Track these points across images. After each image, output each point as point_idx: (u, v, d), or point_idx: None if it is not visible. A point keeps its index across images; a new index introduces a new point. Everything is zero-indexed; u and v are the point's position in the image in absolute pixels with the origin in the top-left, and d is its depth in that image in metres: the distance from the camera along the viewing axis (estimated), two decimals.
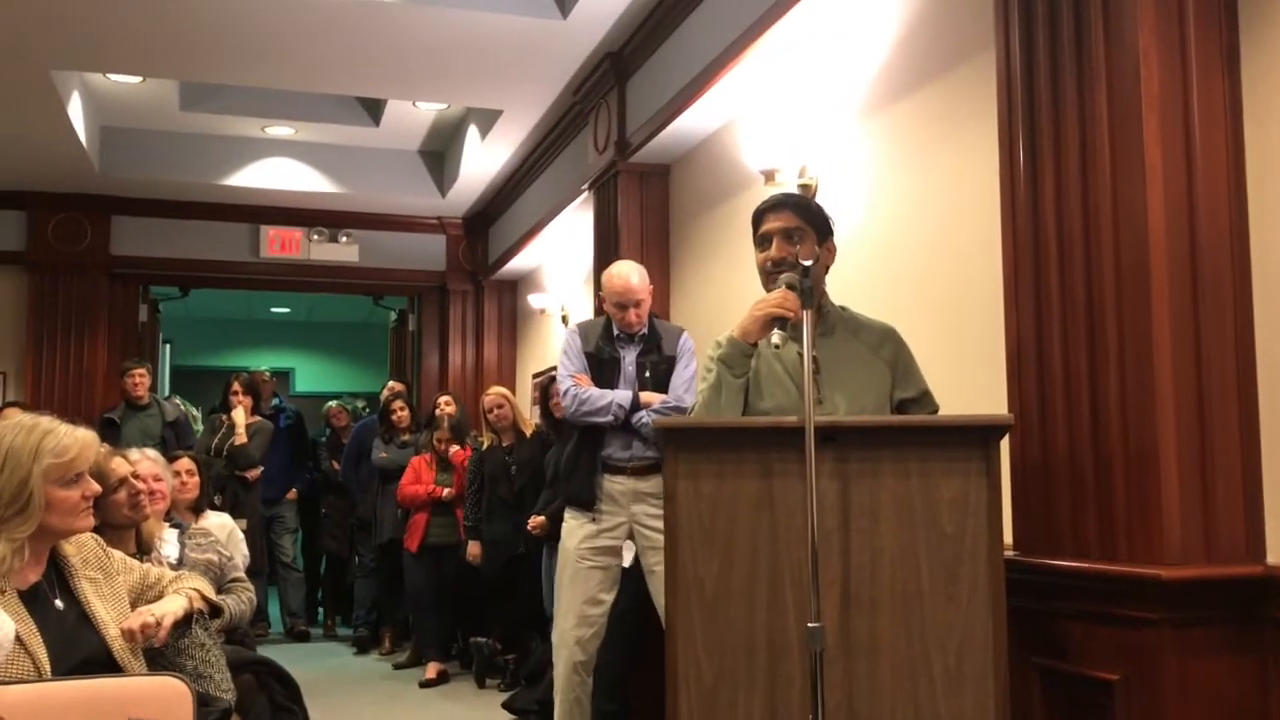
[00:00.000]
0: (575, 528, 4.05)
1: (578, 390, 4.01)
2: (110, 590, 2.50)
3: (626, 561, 4.07)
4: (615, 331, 4.11)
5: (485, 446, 6.31)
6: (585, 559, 3.99)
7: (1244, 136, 2.45)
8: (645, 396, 3.97)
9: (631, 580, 4.09)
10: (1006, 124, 2.72)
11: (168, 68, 6.31)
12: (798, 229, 2.68)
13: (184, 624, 2.54)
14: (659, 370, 4.04)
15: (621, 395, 3.97)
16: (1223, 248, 2.41)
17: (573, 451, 4.10)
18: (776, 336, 2.43)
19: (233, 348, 13.23)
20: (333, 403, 9.14)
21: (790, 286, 2.53)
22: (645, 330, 4.11)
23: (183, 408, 8.28)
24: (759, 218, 2.74)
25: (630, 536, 4.00)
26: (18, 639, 2.21)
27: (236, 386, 7.44)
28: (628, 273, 4.07)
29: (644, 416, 3.92)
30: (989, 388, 2.98)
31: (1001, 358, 2.72)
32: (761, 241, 2.72)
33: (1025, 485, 2.62)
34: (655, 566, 3.88)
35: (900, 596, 2.30)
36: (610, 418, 3.94)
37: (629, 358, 4.08)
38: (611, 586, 4.03)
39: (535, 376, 8.52)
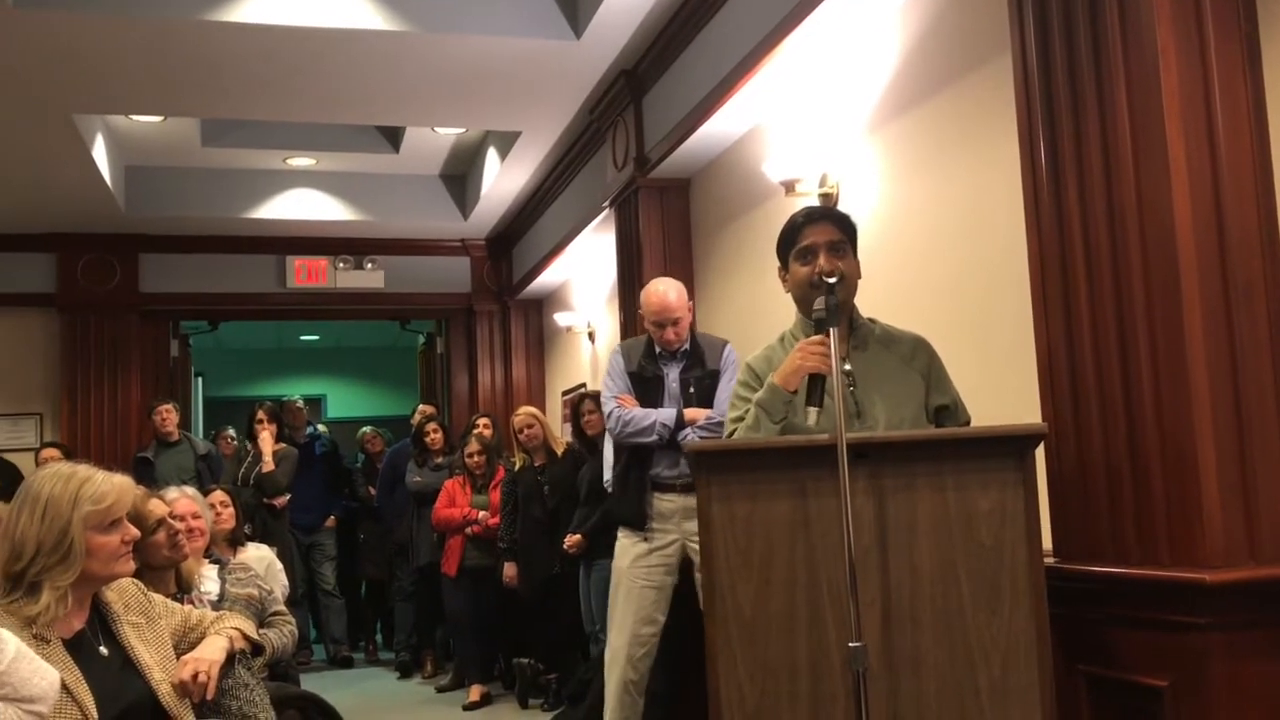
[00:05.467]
0: (628, 547, 4.04)
1: (621, 412, 4.01)
2: (153, 635, 2.52)
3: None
4: (657, 349, 4.10)
5: (518, 467, 6.31)
6: (639, 578, 3.99)
7: (1269, 130, 2.42)
8: (690, 413, 3.96)
9: (680, 599, 4.07)
10: (1026, 127, 2.70)
11: (188, 106, 6.38)
12: (841, 241, 2.64)
13: (227, 665, 2.56)
14: (703, 385, 4.02)
15: (665, 414, 3.96)
16: (1252, 243, 2.38)
17: (621, 471, 4.10)
18: (812, 418, 2.38)
19: (264, 377, 13.33)
20: (367, 428, 9.18)
21: (819, 322, 2.45)
22: (687, 346, 4.09)
23: (234, 441, 8.36)
24: (797, 231, 2.67)
25: (684, 554, 3.99)
26: (64, 688, 2.22)
27: (261, 415, 7.49)
28: (665, 290, 4.05)
29: (689, 434, 3.91)
30: (1021, 395, 2.96)
31: (1032, 364, 2.70)
32: (803, 255, 2.65)
33: (1063, 492, 2.60)
34: None
35: (941, 611, 2.28)
36: (655, 437, 3.94)
37: (672, 375, 4.06)
38: (665, 607, 4.02)
39: (565, 394, 8.54)
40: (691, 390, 4.01)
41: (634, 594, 3.99)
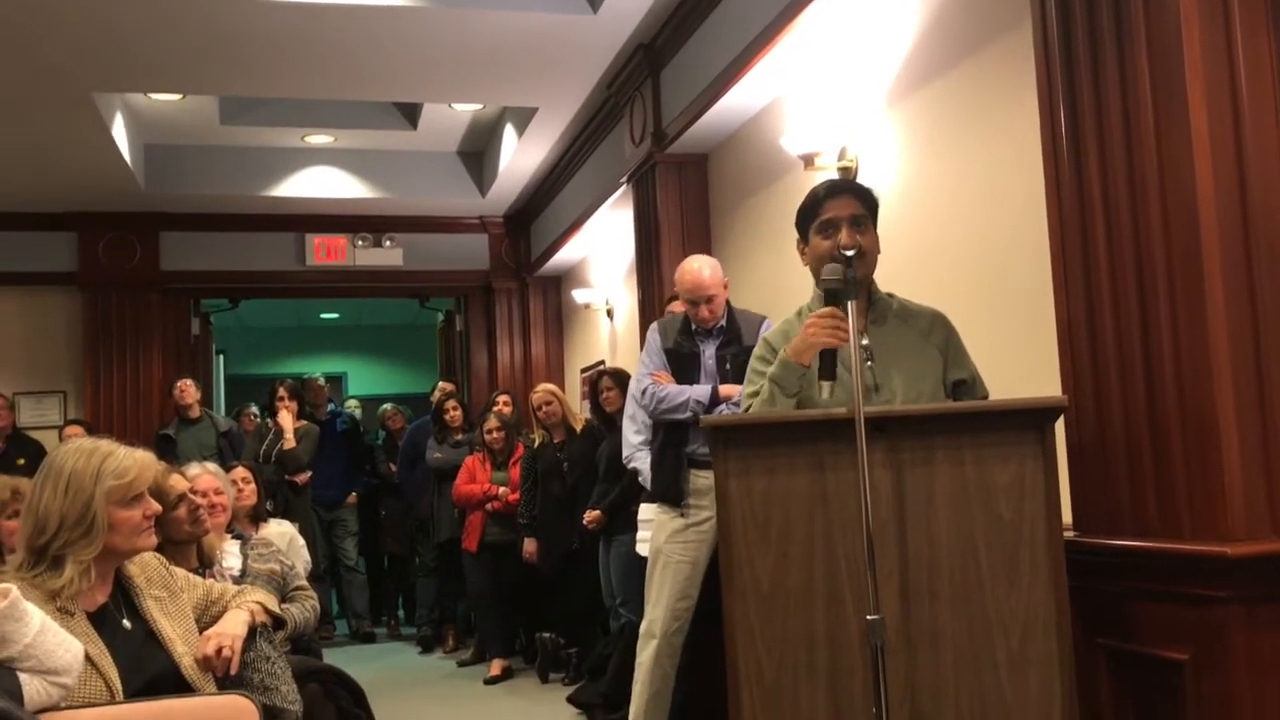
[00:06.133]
0: (665, 522, 4.06)
1: (656, 388, 4.02)
2: (176, 608, 2.55)
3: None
4: (694, 326, 4.10)
5: (537, 444, 6.33)
6: (675, 554, 4.01)
7: None
8: (725, 389, 3.95)
9: (710, 574, 4.08)
10: (1046, 97, 2.67)
11: (206, 84, 6.40)
12: (862, 215, 2.63)
13: (248, 639, 2.58)
14: (739, 362, 3.99)
15: (699, 391, 3.96)
16: (1276, 212, 2.35)
17: (659, 448, 4.12)
18: (825, 391, 2.36)
19: (285, 355, 13.39)
20: (387, 405, 9.22)
21: (830, 290, 2.43)
22: (724, 322, 4.09)
23: (257, 418, 8.43)
24: (818, 204, 2.65)
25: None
26: (89, 660, 2.25)
27: (282, 392, 7.53)
28: (699, 268, 4.04)
29: (724, 409, 3.91)
30: (1040, 368, 2.94)
31: (1052, 337, 2.68)
32: (825, 228, 2.62)
33: (1083, 465, 2.58)
34: None
35: (960, 584, 2.28)
36: (689, 413, 3.94)
37: (709, 351, 4.06)
38: (700, 582, 4.03)
39: (584, 371, 8.55)
40: (728, 367, 4.01)
41: (670, 569, 4.01)
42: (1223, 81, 2.33)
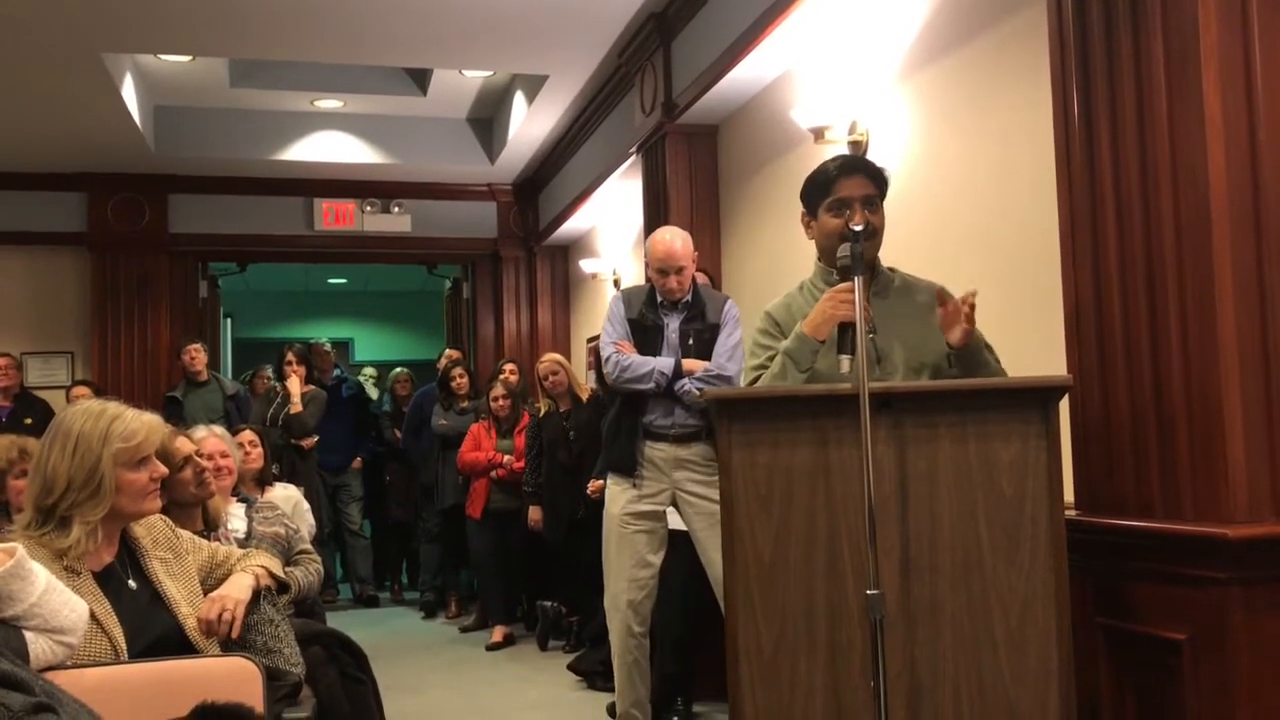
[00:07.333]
0: (617, 494, 4.07)
1: (619, 357, 4.02)
2: (181, 570, 2.56)
3: (672, 524, 4.10)
4: (659, 298, 4.10)
5: (543, 413, 6.35)
6: (629, 524, 4.02)
7: None
8: (688, 364, 3.97)
9: (689, 545, 4.11)
10: (1060, 76, 2.66)
11: (216, 45, 6.36)
12: (874, 196, 2.62)
13: (252, 602, 2.60)
14: (702, 338, 4.03)
15: (663, 363, 3.97)
16: None
17: (614, 418, 4.12)
18: (845, 365, 2.35)
19: (292, 319, 13.40)
20: (399, 370, 9.24)
21: (845, 269, 2.41)
22: (689, 297, 4.09)
23: (269, 380, 8.46)
24: (831, 182, 2.64)
25: (673, 503, 4.01)
26: (94, 619, 2.27)
27: (290, 357, 7.56)
28: (670, 238, 4.05)
29: (686, 384, 3.93)
30: (1046, 347, 2.94)
31: (1058, 316, 2.68)
32: (836, 207, 2.63)
33: (1086, 445, 2.59)
34: (701, 532, 3.91)
35: (960, 561, 2.29)
36: (651, 385, 3.95)
37: (672, 325, 4.07)
38: (659, 548, 4.05)
39: (590, 341, 8.55)
40: (690, 342, 4.03)
41: (626, 539, 4.02)
42: (1237, 64, 2.32)
